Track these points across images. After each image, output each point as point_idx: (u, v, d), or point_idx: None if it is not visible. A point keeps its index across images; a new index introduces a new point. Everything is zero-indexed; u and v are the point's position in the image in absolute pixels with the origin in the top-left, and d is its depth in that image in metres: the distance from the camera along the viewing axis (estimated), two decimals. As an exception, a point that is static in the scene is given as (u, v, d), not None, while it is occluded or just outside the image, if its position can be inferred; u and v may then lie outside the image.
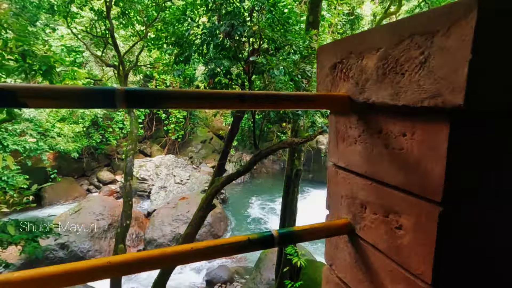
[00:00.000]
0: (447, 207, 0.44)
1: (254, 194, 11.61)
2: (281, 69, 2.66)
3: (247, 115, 3.77)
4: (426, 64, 0.44)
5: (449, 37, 0.40)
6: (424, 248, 0.47)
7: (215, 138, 17.14)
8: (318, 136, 10.39)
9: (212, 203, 3.39)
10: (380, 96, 0.53)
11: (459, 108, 0.40)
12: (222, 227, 8.83)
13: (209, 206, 3.40)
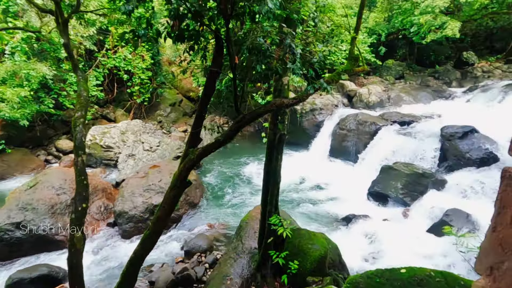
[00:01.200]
0: None
1: (229, 159, 11.21)
2: (275, 1, 2.01)
3: (224, 72, 3.13)
4: None
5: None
6: None
7: (185, 101, 16.05)
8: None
9: (187, 180, 2.88)
10: None
11: None
12: (198, 195, 8.46)
13: (184, 184, 2.88)
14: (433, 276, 2.72)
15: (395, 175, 7.82)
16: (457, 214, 6.18)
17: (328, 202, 8.13)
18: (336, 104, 12.65)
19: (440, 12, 12.25)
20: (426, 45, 13.79)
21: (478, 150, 7.48)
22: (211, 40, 3.42)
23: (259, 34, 2.35)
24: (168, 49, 16.97)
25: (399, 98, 12.58)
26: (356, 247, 6.00)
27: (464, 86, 13.60)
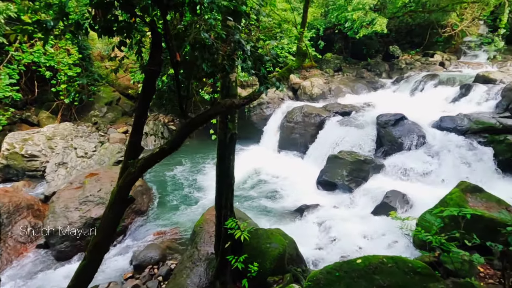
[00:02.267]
0: None
1: (177, 159, 10.63)
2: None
3: (165, 70, 2.80)
4: None
5: None
6: None
7: (123, 99, 14.70)
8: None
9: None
10: None
11: None
12: (145, 201, 7.83)
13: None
14: (385, 262, 2.87)
15: (341, 163, 8.28)
16: (395, 195, 6.80)
17: (281, 195, 8.26)
18: (282, 97, 12.90)
19: (370, 9, 13.25)
20: (359, 39, 14.83)
21: (408, 135, 8.32)
22: (147, 34, 3.04)
23: (203, 28, 2.11)
24: (99, 42, 15.27)
25: (339, 90, 13.37)
26: (310, 237, 6.19)
27: (392, 77, 15.08)
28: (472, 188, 5.26)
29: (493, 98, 9.15)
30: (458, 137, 7.90)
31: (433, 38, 16.51)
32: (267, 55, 2.35)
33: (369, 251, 5.22)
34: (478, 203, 5.07)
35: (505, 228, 2.85)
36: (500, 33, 14.42)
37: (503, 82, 9.93)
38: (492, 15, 15.29)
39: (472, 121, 8.04)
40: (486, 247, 3.53)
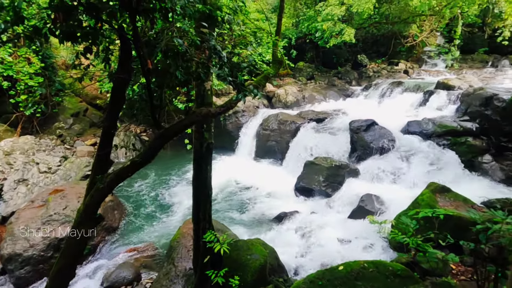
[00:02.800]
0: None
1: (151, 171, 10.22)
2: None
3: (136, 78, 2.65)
4: None
5: None
6: None
7: (91, 109, 13.99)
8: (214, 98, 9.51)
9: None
10: None
11: None
12: (117, 217, 7.39)
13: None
14: (366, 267, 2.88)
15: (317, 169, 8.39)
16: (370, 198, 6.97)
17: (259, 203, 8.18)
18: (257, 105, 12.94)
19: (338, 20, 13.82)
20: (329, 48, 15.36)
21: (379, 140, 8.64)
22: (115, 41, 2.89)
23: (176, 34, 2.02)
24: (64, 50, 14.48)
25: (312, 97, 13.68)
26: (291, 245, 6.15)
27: (361, 84, 15.73)
28: (441, 188, 5.52)
29: (453, 103, 9.81)
30: (425, 140, 8.34)
31: (397, 48, 17.52)
32: (245, 62, 2.30)
33: (348, 255, 5.27)
34: (447, 203, 5.33)
35: (474, 226, 2.99)
36: (455, 44, 15.64)
37: (461, 88, 10.70)
38: (448, 27, 16.58)
39: (436, 125, 8.54)
40: (456, 244, 3.68)
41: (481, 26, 16.57)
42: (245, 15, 10.01)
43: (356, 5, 13.22)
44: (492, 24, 16.13)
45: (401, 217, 3.57)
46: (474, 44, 16.72)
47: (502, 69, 14.77)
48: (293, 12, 16.25)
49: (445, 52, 16.36)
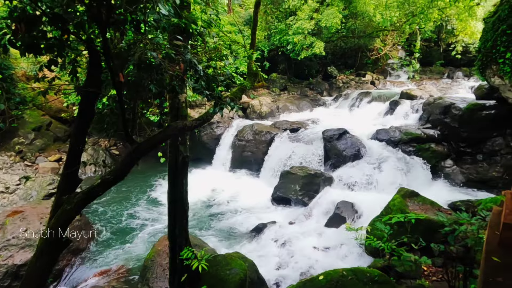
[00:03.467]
0: None
1: (122, 187, 9.74)
2: (168, 7, 1.65)
3: (106, 92, 2.53)
4: None
5: None
6: None
7: (55, 123, 13.17)
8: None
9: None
10: None
11: None
12: (85, 238, 6.90)
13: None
14: (345, 275, 2.91)
15: (293, 178, 8.49)
16: (345, 205, 7.14)
17: (237, 215, 8.06)
18: (232, 116, 12.94)
19: (308, 33, 14.37)
20: (300, 60, 15.87)
21: (351, 148, 8.95)
22: (83, 52, 2.76)
23: (149, 47, 1.96)
24: (24, 62, 13.61)
25: (286, 108, 13.96)
26: (270, 256, 6.09)
27: (332, 95, 16.35)
28: (410, 193, 5.80)
29: (416, 112, 10.47)
30: (393, 147, 8.78)
31: (363, 60, 18.50)
32: (221, 75, 2.29)
33: (327, 263, 5.32)
34: (416, 207, 5.60)
35: (443, 229, 3.15)
36: (415, 57, 16.86)
37: (422, 98, 11.48)
38: (408, 41, 17.85)
39: (402, 132, 9.04)
40: (427, 247, 3.85)
41: (437, 41, 18.04)
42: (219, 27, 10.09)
43: (325, 19, 13.85)
44: (446, 39, 17.63)
45: (375, 223, 3.68)
46: (431, 57, 18.11)
47: (457, 80, 16.10)
48: (265, 25, 16.67)
49: (407, 64, 17.55)
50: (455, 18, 15.49)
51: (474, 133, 8.28)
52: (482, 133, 8.19)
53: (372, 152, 8.78)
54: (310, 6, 14.61)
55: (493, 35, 6.68)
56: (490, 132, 8.14)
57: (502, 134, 8.03)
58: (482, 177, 7.98)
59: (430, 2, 11.93)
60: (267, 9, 16.17)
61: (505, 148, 7.93)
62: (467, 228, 3.01)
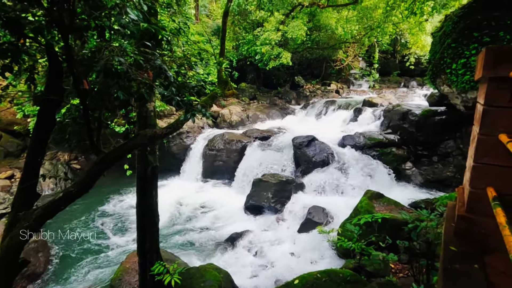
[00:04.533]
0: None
1: (84, 202, 9.13)
2: (137, 12, 1.61)
3: (67, 100, 2.37)
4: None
5: None
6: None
7: (6, 137, 12.09)
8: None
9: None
10: None
11: None
12: (42, 260, 6.33)
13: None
14: (319, 277, 2.97)
15: (265, 186, 8.54)
16: (316, 210, 7.32)
17: (210, 226, 7.90)
18: (202, 126, 12.80)
19: (275, 44, 14.80)
20: (269, 70, 16.25)
21: (320, 154, 9.26)
22: (41, 59, 2.60)
23: (116, 53, 1.90)
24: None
25: (256, 116, 14.12)
26: (244, 266, 6.02)
27: (300, 103, 16.88)
28: (376, 195, 6.11)
29: (378, 118, 11.15)
30: (358, 152, 9.23)
31: (328, 70, 19.41)
32: (192, 82, 2.27)
33: (302, 268, 5.37)
34: (382, 207, 5.90)
35: (407, 226, 3.35)
36: (375, 67, 18.06)
37: (383, 105, 12.26)
38: (368, 53, 19.10)
39: (366, 138, 9.55)
40: (393, 244, 4.07)
41: (393, 53, 19.50)
42: (187, 36, 10.04)
43: (290, 31, 14.39)
44: (401, 51, 19.13)
45: (346, 225, 3.82)
46: (389, 68, 19.51)
47: (412, 89, 17.46)
48: (233, 35, 16.89)
49: (367, 74, 18.72)
50: (407, 32, 16.91)
51: (429, 137, 9.00)
52: (436, 137, 8.92)
53: (340, 158, 9.14)
54: (277, 18, 15.12)
55: (441, 48, 7.39)
56: (442, 136, 8.89)
57: (453, 137, 8.81)
58: (438, 177, 8.65)
59: (386, 17, 12.93)
60: (234, 20, 16.43)
61: (456, 150, 8.70)
62: (428, 224, 3.23)
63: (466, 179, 1.78)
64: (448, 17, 7.86)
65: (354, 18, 15.30)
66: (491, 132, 1.49)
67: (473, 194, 1.60)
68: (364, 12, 14.73)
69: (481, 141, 1.53)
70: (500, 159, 1.48)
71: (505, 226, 1.10)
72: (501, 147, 1.42)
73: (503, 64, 1.41)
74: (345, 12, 15.49)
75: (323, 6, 14.45)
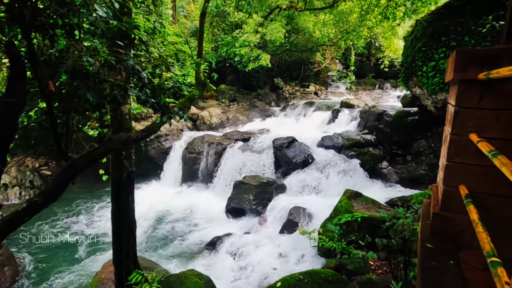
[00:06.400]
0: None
1: (52, 209, 8.64)
2: (106, 9, 1.52)
3: (32, 103, 2.21)
4: None
5: None
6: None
7: (-33, 143, 11.18)
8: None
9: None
10: None
11: None
12: (9, 275, 5.90)
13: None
14: (302, 279, 2.97)
15: (246, 188, 8.50)
16: (297, 211, 7.37)
17: (190, 231, 7.73)
18: (181, 128, 12.56)
19: (254, 46, 14.84)
20: (248, 72, 16.26)
21: (300, 155, 9.36)
22: (2, 58, 2.42)
23: (85, 53, 1.78)
24: None
25: (236, 118, 14.06)
26: (227, 270, 5.94)
27: (280, 105, 17.02)
28: (355, 194, 6.24)
29: (355, 119, 11.46)
30: (337, 153, 9.42)
31: (306, 72, 19.73)
32: (168, 83, 2.19)
33: (284, 269, 5.38)
34: (360, 206, 6.04)
35: (384, 224, 3.44)
36: (351, 69, 18.59)
37: (359, 106, 12.63)
38: (344, 56, 19.63)
39: (345, 138, 9.77)
40: (372, 242, 4.16)
41: (368, 56, 20.17)
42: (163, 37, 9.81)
43: (269, 33, 14.48)
44: (375, 54, 19.82)
45: (327, 225, 3.86)
46: (364, 70, 20.15)
47: (386, 90, 18.13)
48: (211, 37, 16.76)
49: (344, 77, 19.23)
50: (381, 36, 17.56)
51: (403, 137, 9.36)
52: (409, 136, 9.30)
53: (320, 158, 9.29)
54: (255, 20, 15.16)
55: (412, 52, 7.72)
56: (415, 135, 9.28)
57: (425, 136, 9.22)
58: (412, 175, 9.01)
59: (361, 21, 13.35)
60: (213, 22, 16.31)
61: (428, 149, 9.11)
62: (404, 221, 3.33)
63: (439, 178, 1.84)
64: (418, 22, 8.23)
65: (331, 21, 15.67)
66: (462, 132, 1.55)
67: (446, 192, 1.65)
68: (340, 16, 15.12)
69: (453, 141, 1.59)
70: (471, 158, 1.53)
71: (478, 223, 1.13)
72: (472, 146, 1.48)
73: (472, 66, 1.47)
74: (322, 16, 15.83)
75: (301, 9, 14.68)
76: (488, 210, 1.49)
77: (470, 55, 1.48)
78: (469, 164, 1.55)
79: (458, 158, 1.58)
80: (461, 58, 1.50)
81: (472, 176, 1.55)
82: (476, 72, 1.44)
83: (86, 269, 6.23)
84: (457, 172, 1.59)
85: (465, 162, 1.57)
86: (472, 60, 1.47)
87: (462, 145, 1.56)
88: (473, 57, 1.47)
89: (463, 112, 1.54)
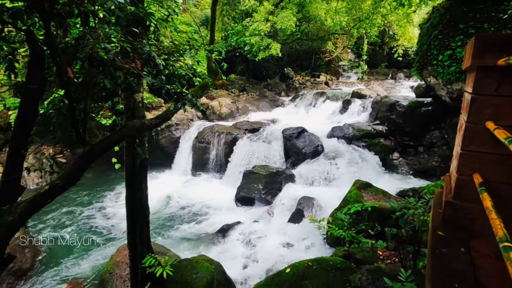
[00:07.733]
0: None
1: (69, 194, 8.94)
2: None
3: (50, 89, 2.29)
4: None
5: None
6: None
7: (-14, 131, 11.60)
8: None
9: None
10: None
11: None
12: (29, 256, 6.19)
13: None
14: (310, 265, 3.02)
15: (256, 177, 8.57)
16: (306, 201, 7.41)
17: (201, 218, 7.90)
18: (191, 118, 12.65)
19: (265, 35, 14.65)
20: (258, 62, 16.12)
21: (310, 146, 9.33)
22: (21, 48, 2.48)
23: (102, 40, 1.82)
24: None
25: (246, 108, 14.05)
26: (236, 257, 6.07)
27: (290, 95, 16.88)
28: (364, 184, 6.22)
29: (366, 109, 11.28)
30: (347, 143, 9.34)
31: (317, 62, 19.41)
32: (181, 70, 2.21)
33: (292, 257, 5.46)
34: (370, 196, 6.03)
35: (394, 214, 3.44)
36: (363, 59, 18.16)
37: (371, 96, 12.40)
38: (356, 45, 19.17)
39: (355, 129, 9.67)
40: (382, 232, 4.17)
41: (381, 44, 19.64)
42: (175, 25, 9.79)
43: (280, 22, 14.25)
44: (389, 43, 19.28)
45: (336, 214, 3.88)
46: (377, 60, 19.67)
47: (399, 81, 17.70)
48: (221, 26, 16.61)
49: (356, 66, 18.83)
50: (395, 24, 17.03)
51: (416, 128, 9.18)
52: (422, 128, 9.12)
53: (329, 149, 9.24)
54: (266, 8, 14.92)
55: (428, 40, 7.49)
56: (428, 127, 9.09)
57: (438, 127, 9.02)
58: (423, 167, 8.88)
59: (374, 8, 12.97)
60: (223, 10, 16.13)
61: (441, 140, 8.92)
62: (414, 211, 3.32)
63: (453, 166, 1.82)
64: (435, 9, 7.94)
65: (343, 9, 15.26)
66: (478, 120, 1.52)
67: (460, 181, 1.64)
68: (353, 3, 14.70)
69: (469, 128, 1.57)
70: (486, 146, 1.52)
71: (491, 210, 1.13)
72: (488, 135, 1.46)
73: (491, 52, 1.43)
74: (334, 3, 15.43)
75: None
76: (502, 199, 1.47)
77: (489, 41, 1.45)
78: (484, 152, 1.54)
79: (473, 146, 1.56)
80: (480, 43, 1.46)
81: (486, 165, 1.54)
82: (495, 58, 1.41)
83: (101, 252, 6.48)
84: (471, 161, 1.58)
85: (480, 151, 1.55)
86: (491, 45, 1.43)
87: (478, 133, 1.54)
88: (492, 43, 1.43)
89: (480, 99, 1.52)
